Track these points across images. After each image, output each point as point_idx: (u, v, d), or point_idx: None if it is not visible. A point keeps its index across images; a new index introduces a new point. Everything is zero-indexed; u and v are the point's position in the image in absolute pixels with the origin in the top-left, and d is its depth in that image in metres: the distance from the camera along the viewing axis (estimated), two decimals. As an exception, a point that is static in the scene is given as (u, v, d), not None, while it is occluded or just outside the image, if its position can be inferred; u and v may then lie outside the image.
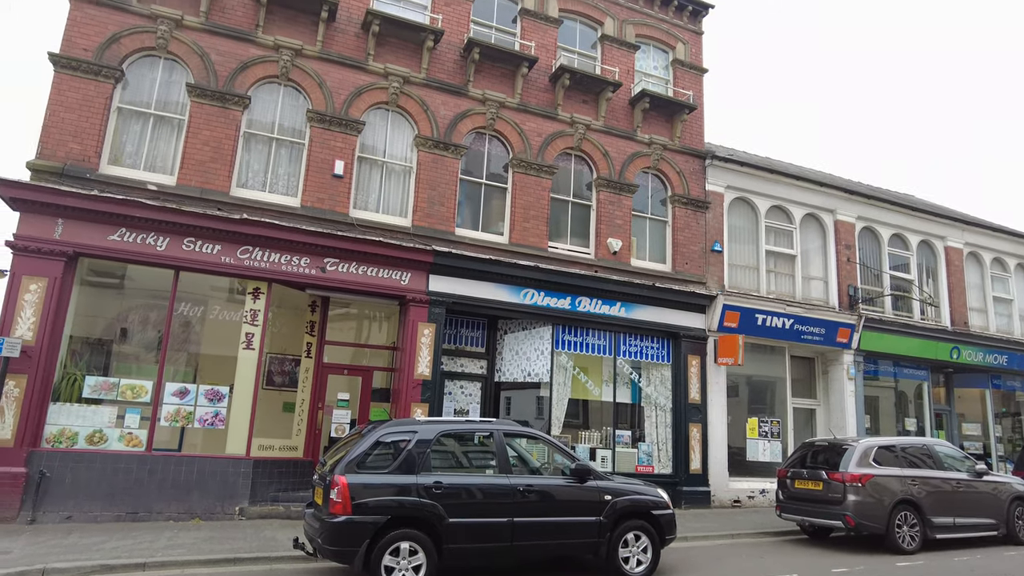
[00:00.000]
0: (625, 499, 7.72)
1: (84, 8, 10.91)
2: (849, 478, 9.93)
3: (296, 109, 12.11)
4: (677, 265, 14.56)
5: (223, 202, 10.94)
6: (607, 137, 14.51)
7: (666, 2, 15.97)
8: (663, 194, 15.09)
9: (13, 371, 9.09)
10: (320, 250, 11.16)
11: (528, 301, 12.70)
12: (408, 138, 12.81)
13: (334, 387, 11.85)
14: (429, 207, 12.43)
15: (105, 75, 10.72)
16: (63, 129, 10.32)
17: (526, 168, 13.46)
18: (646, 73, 15.59)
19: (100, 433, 9.62)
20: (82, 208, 9.82)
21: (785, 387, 15.55)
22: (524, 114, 13.74)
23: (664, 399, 13.90)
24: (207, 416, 10.26)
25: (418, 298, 11.71)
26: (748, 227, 15.78)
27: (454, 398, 12.47)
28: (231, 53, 11.63)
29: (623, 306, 13.54)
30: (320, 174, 11.77)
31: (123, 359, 10.84)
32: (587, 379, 13.33)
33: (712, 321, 14.25)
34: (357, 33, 12.65)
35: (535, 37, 14.28)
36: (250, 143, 11.69)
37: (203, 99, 11.27)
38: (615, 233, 14.07)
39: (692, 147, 15.38)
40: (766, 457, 14.43)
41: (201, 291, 11.38)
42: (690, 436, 13.56)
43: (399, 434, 7.15)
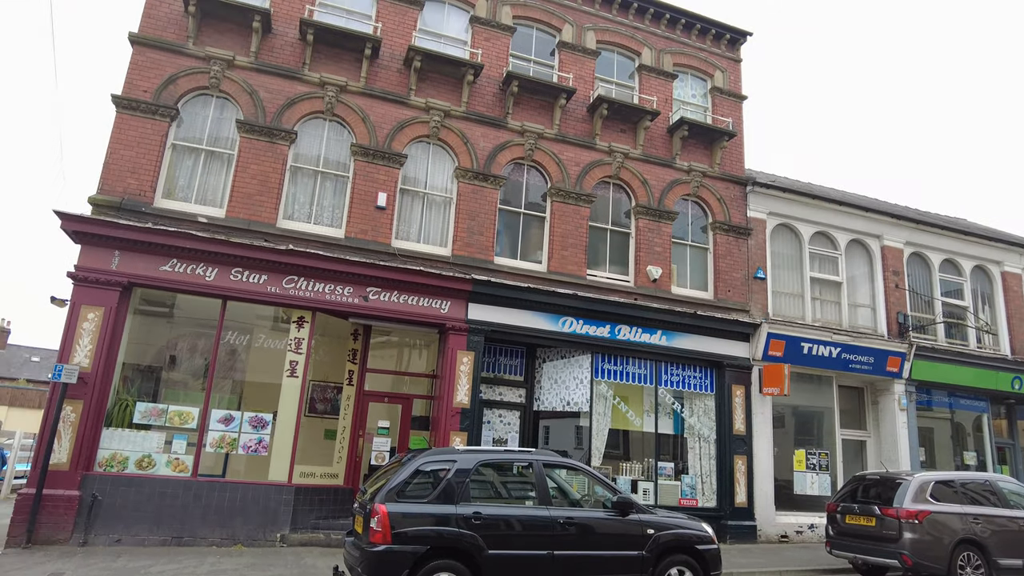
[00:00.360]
0: (668, 533, 7.54)
1: (145, 52, 11.52)
2: (905, 514, 9.49)
3: (341, 143, 12.48)
4: (719, 293, 14.35)
5: (270, 233, 11.28)
6: (645, 165, 14.51)
7: (703, 31, 16.03)
8: (704, 221, 14.96)
9: (70, 397, 9.45)
10: (362, 279, 11.38)
11: (567, 329, 12.66)
12: (448, 170, 13.05)
13: (374, 415, 11.96)
14: (468, 236, 12.58)
15: (162, 114, 11.25)
16: (122, 165, 10.84)
17: (564, 197, 13.54)
18: (684, 101, 15.61)
19: (149, 458, 9.88)
20: (137, 240, 10.25)
21: (833, 418, 15.05)
22: (562, 144, 13.87)
23: (708, 430, 13.59)
24: (251, 443, 10.46)
25: (457, 326, 11.79)
26: (792, 254, 15.50)
27: (493, 427, 12.43)
28: (279, 90, 12.09)
29: (664, 334, 13.37)
30: (363, 206, 12.05)
31: (172, 385, 11.17)
32: (628, 409, 13.15)
33: (756, 350, 13.95)
34: (399, 69, 13.02)
35: (573, 69, 14.47)
36: (296, 176, 12.06)
37: (252, 134, 11.71)
38: (655, 260, 13.97)
39: (732, 174, 15.26)
40: (814, 491, 13.92)
41: (247, 319, 11.69)
42: (735, 468, 13.21)
43: (438, 463, 7.15)
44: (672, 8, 15.68)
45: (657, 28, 15.67)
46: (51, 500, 9.13)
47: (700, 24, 15.96)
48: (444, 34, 13.84)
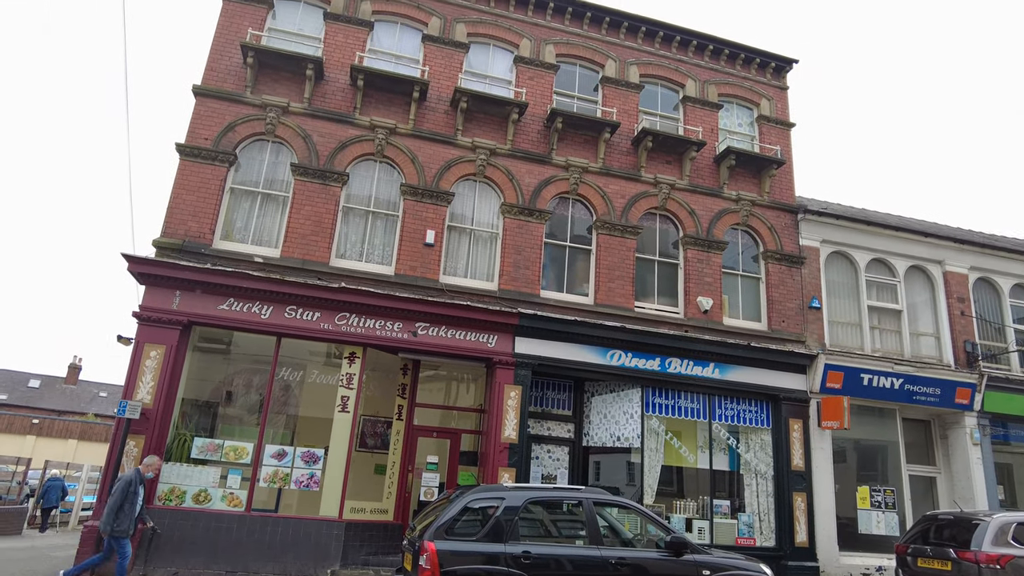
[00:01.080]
0: (724, 574, 7.26)
1: (207, 103, 12.18)
2: (984, 559, 8.90)
3: (390, 183, 12.82)
4: (773, 323, 13.99)
5: (323, 272, 11.61)
6: (692, 195, 14.40)
7: (748, 61, 15.97)
8: (754, 250, 14.69)
9: (133, 432, 9.82)
10: (411, 315, 11.55)
11: (615, 362, 12.51)
12: (494, 206, 13.23)
13: (424, 450, 12.00)
14: (515, 271, 12.66)
15: (221, 160, 11.82)
16: (184, 209, 11.39)
17: (610, 229, 13.52)
18: (730, 131, 15.50)
19: (205, 492, 10.14)
20: (197, 281, 10.70)
21: (898, 452, 14.32)
22: (607, 177, 13.91)
23: (765, 466, 13.11)
24: (303, 478, 10.62)
25: (504, 360, 11.80)
26: (847, 282, 15.02)
27: (541, 463, 12.30)
28: (331, 134, 12.55)
29: (717, 367, 13.07)
30: (412, 243, 12.30)
31: (228, 421, 11.47)
32: (680, 444, 12.83)
33: (814, 382, 13.47)
34: (446, 110, 13.37)
35: (617, 103, 14.58)
36: (348, 216, 12.42)
37: (305, 177, 12.15)
38: (705, 291, 13.75)
39: (782, 202, 14.98)
40: (881, 530, 13.18)
41: (300, 356, 11.98)
42: (794, 506, 12.66)
43: (487, 500, 7.12)
44: (715, 39, 15.70)
45: (701, 60, 15.70)
46: (115, 533, 9.43)
47: (744, 54, 15.91)
48: (489, 75, 14.18)
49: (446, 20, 14.10)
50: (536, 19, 14.76)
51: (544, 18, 14.83)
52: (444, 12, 14.15)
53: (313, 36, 13.39)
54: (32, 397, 41.29)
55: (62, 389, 42.58)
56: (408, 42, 13.97)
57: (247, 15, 12.97)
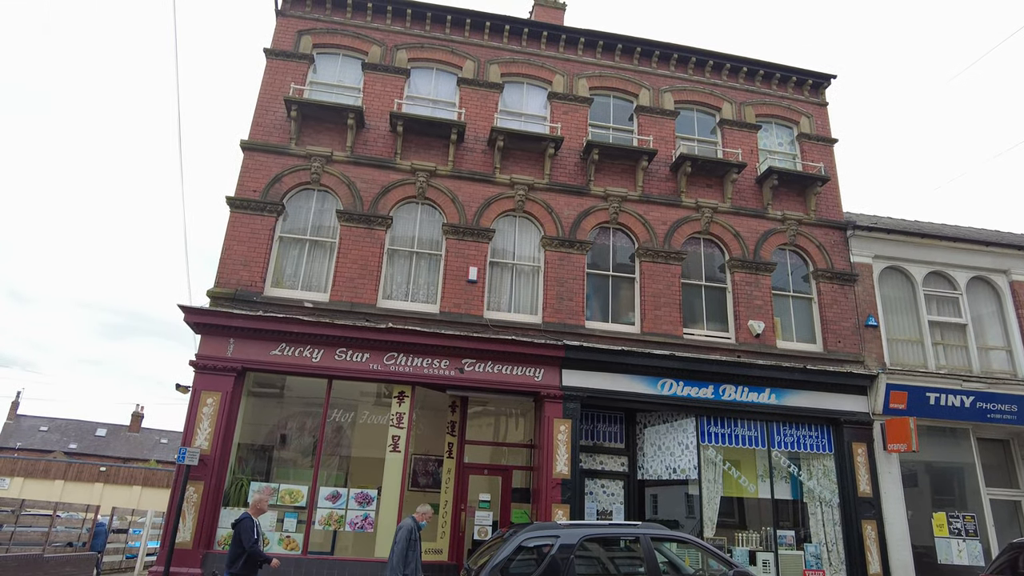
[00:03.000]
0: (794, 611, 6.93)
1: (254, 156, 12.70)
2: (1080, 589, 8.26)
3: (432, 224, 13.05)
4: (829, 344, 13.53)
5: (370, 313, 11.82)
6: (736, 218, 14.20)
7: (784, 80, 15.83)
8: (804, 270, 14.32)
9: (192, 478, 10.07)
10: (457, 352, 11.62)
11: (666, 392, 12.28)
12: (535, 240, 13.30)
13: (475, 487, 11.92)
14: (558, 303, 12.63)
15: (269, 210, 12.25)
16: (236, 259, 11.81)
17: (653, 256, 13.41)
18: (771, 151, 15.30)
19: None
20: (249, 328, 11.03)
21: (976, 475, 13.50)
22: (647, 204, 13.86)
23: (829, 493, 12.55)
24: (357, 519, 10.66)
25: (552, 393, 11.71)
26: (904, 297, 14.46)
27: (595, 498, 12.05)
28: (374, 179, 12.91)
29: (772, 392, 12.67)
30: (456, 281, 12.44)
31: (282, 464, 11.66)
32: (739, 474, 12.41)
33: (876, 403, 12.91)
34: (484, 150, 13.61)
35: (652, 131, 14.60)
36: (393, 258, 12.67)
37: (351, 223, 12.48)
38: (755, 315, 13.44)
39: (830, 219, 14.63)
40: (962, 559, 12.37)
41: (352, 396, 12.15)
42: (864, 535, 12.02)
43: (541, 539, 7.01)
44: (749, 61, 15.64)
45: (735, 82, 15.63)
46: (177, 578, 9.63)
47: (779, 73, 15.79)
48: (524, 112, 14.42)
49: (480, 62, 14.45)
50: (568, 55, 15.00)
51: (576, 53, 15.05)
52: (477, 55, 14.51)
53: (352, 86, 13.88)
54: (99, 445, 42.86)
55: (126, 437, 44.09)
56: (444, 86, 14.35)
57: (290, 70, 13.56)
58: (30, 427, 45.33)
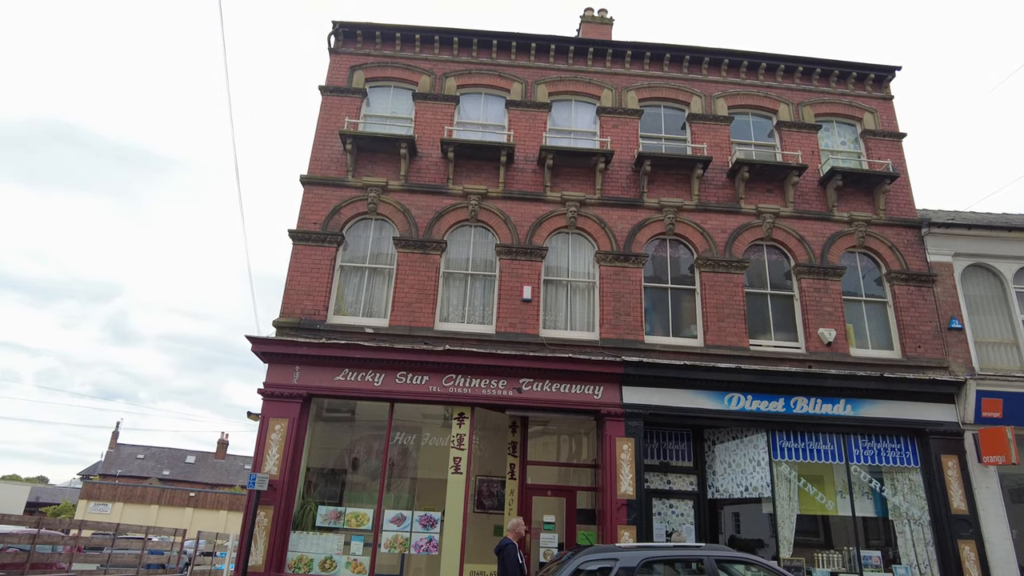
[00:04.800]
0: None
1: (313, 190, 13.20)
2: None
3: (486, 245, 13.16)
4: (907, 350, 12.73)
5: (428, 336, 11.98)
6: (800, 222, 13.65)
7: (843, 76, 15.21)
8: (876, 273, 13.59)
9: (263, 503, 10.41)
10: (515, 371, 11.60)
11: (734, 407, 11.83)
12: (589, 255, 13.19)
13: (539, 509, 11.80)
14: (615, 318, 12.44)
15: (329, 241, 12.67)
16: (299, 290, 12.25)
17: (713, 266, 13.04)
18: (834, 150, 14.68)
19: (331, 560, 10.47)
20: (313, 355, 11.37)
21: (1089, 489, 12.34)
22: (704, 213, 13.53)
23: (918, 510, 11.70)
24: (422, 542, 10.72)
25: (613, 411, 11.49)
26: (993, 296, 13.47)
27: (664, 518, 11.69)
28: (427, 206, 13.16)
29: (848, 403, 12.01)
30: (510, 301, 12.46)
31: (351, 488, 11.88)
32: (816, 491, 11.77)
33: (966, 412, 12.01)
34: (534, 169, 13.67)
35: (706, 138, 14.29)
36: (448, 281, 12.84)
37: (407, 248, 12.75)
38: (826, 322, 12.82)
39: (901, 217, 13.85)
40: (1079, 583, 11.27)
41: (415, 419, 12.31)
42: (961, 556, 11.11)
43: (600, 561, 6.85)
44: (804, 59, 15.13)
45: (791, 83, 15.14)
46: (251, 601, 9.93)
47: (838, 70, 15.18)
48: (574, 129, 14.42)
49: (527, 84, 14.57)
50: (615, 68, 14.93)
51: (623, 66, 14.96)
52: (524, 76, 14.64)
53: (405, 116, 14.26)
54: (189, 472, 45.04)
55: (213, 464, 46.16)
56: (493, 110, 14.54)
57: (344, 105, 14.07)
58: (128, 455, 48.19)
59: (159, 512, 35.56)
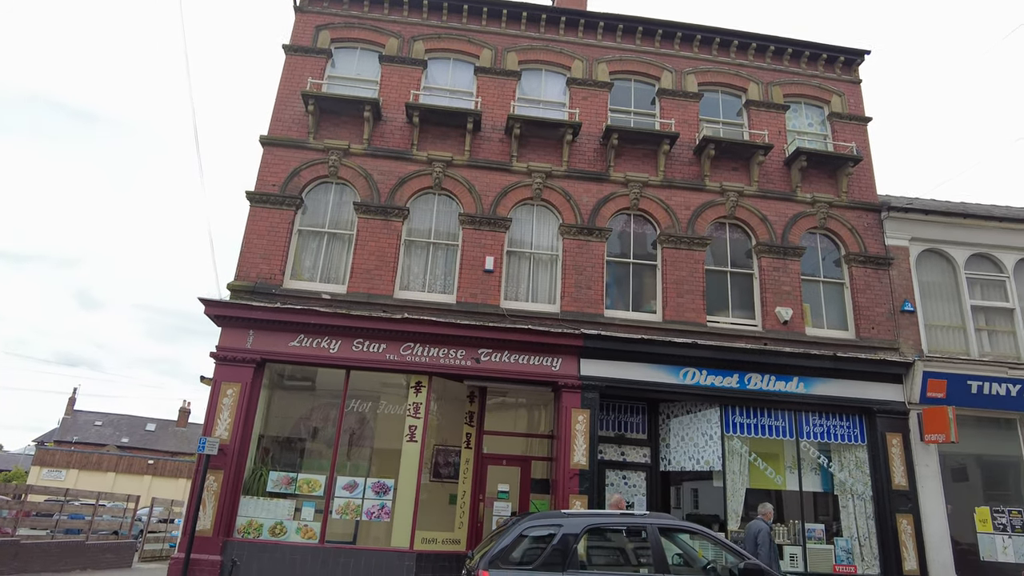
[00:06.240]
0: (809, 605, 6.64)
1: (273, 151, 12.85)
2: None
3: (449, 214, 13.00)
4: (861, 331, 12.98)
5: (388, 304, 11.84)
6: (763, 201, 13.73)
7: (813, 58, 15.22)
8: (836, 254, 13.77)
9: (213, 467, 10.26)
10: (474, 341, 11.54)
11: (689, 381, 11.96)
12: (553, 228, 13.11)
13: (494, 478, 11.85)
14: (577, 291, 12.43)
15: (288, 204, 12.38)
16: (255, 253, 11.97)
17: (675, 243, 13.08)
18: (800, 131, 14.74)
19: (280, 525, 10.40)
20: (268, 320, 11.17)
21: (1022, 468, 12.81)
22: (669, 190, 13.52)
23: (862, 486, 12.03)
24: (374, 509, 10.70)
25: (570, 383, 11.53)
26: (944, 281, 13.76)
27: (616, 489, 11.84)
28: (391, 171, 12.91)
29: (801, 381, 12.22)
30: (472, 271, 12.36)
31: (308, 455, 11.77)
32: (766, 466, 12.02)
33: (912, 392, 12.33)
34: (500, 138, 13.48)
35: (675, 114, 14.23)
36: (410, 249, 12.66)
37: (368, 214, 12.52)
38: (783, 301, 12.98)
39: (863, 200, 14.01)
40: (1008, 556, 11.73)
41: (372, 388, 12.18)
42: (899, 529, 11.48)
43: (543, 528, 6.88)
44: (775, 39, 15.09)
45: (762, 62, 15.11)
46: (198, 564, 9.84)
47: (809, 51, 15.18)
48: (543, 99, 14.22)
49: (497, 51, 14.31)
50: (587, 39, 14.73)
51: (595, 37, 14.77)
52: (495, 43, 14.37)
53: (370, 79, 13.91)
54: (149, 440, 44.39)
55: (174, 432, 45.56)
56: (461, 76, 14.26)
57: (308, 66, 13.67)
58: (85, 422, 47.28)
59: (116, 480, 35.05)
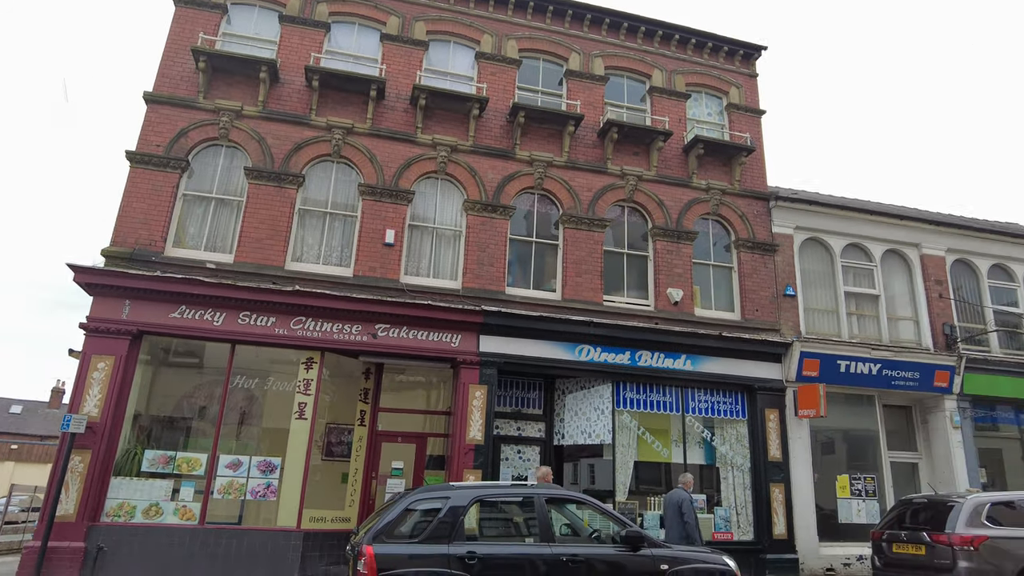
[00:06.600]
0: (684, 568, 6.98)
1: (158, 109, 11.92)
2: (958, 540, 8.63)
3: (348, 184, 12.56)
4: (747, 313, 13.72)
5: (278, 276, 11.32)
6: (661, 186, 14.16)
7: (715, 49, 15.77)
8: (726, 240, 14.44)
9: (79, 446, 9.48)
10: (371, 316, 11.26)
11: (584, 358, 12.23)
12: (457, 203, 12.97)
13: (389, 455, 11.69)
14: (479, 268, 12.38)
15: (173, 166, 11.55)
16: (134, 217, 11.11)
17: (576, 223, 13.27)
18: (699, 120, 15.28)
19: (156, 507, 9.79)
20: (147, 289, 10.40)
21: (879, 439, 14.04)
22: (573, 171, 13.67)
23: (741, 458, 12.81)
24: (259, 488, 10.29)
25: (469, 360, 11.51)
26: (823, 269, 14.77)
27: (511, 463, 11.99)
28: (286, 136, 12.29)
29: (689, 359, 12.79)
30: (372, 244, 12.03)
31: (188, 434, 11.11)
32: (654, 440, 12.53)
33: (789, 371, 13.20)
34: (405, 108, 13.13)
35: (582, 96, 14.35)
36: (305, 219, 12.15)
37: (260, 180, 11.88)
38: (675, 283, 13.49)
39: (753, 189, 14.75)
40: (861, 518, 12.88)
41: (260, 364, 11.64)
42: (772, 498, 12.34)
43: (431, 501, 6.82)
44: (681, 28, 15.50)
45: (667, 50, 15.49)
46: (56, 553, 9.07)
47: (711, 42, 15.71)
48: (450, 71, 13.95)
49: (405, 19, 13.88)
50: (498, 14, 14.55)
51: (506, 13, 14.61)
52: (403, 11, 13.93)
53: (269, 40, 13.14)
54: (13, 423, 40.74)
55: (45, 414, 42.06)
56: (366, 42, 13.75)
57: (200, 20, 12.74)
58: (-60, 403, 42.70)
59: (-28, 465, 31.98)
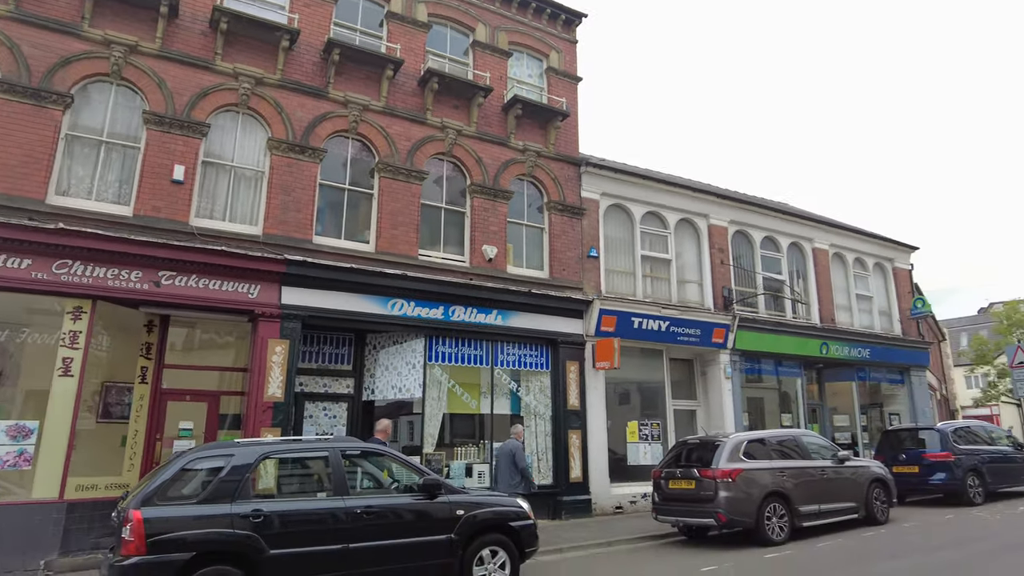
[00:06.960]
0: (479, 512, 7.16)
1: None
2: (720, 474, 9.83)
3: (131, 111, 10.97)
4: (554, 272, 14.33)
5: (37, 211, 9.64)
6: (480, 143, 14.16)
7: (539, 10, 15.93)
8: (539, 201, 14.88)
9: None
10: (153, 262, 10.03)
11: (397, 312, 12.02)
12: (260, 141, 11.92)
13: (176, 415, 10.62)
14: (283, 214, 11.55)
15: None
16: None
17: (393, 173, 12.86)
18: (520, 80, 15.43)
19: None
20: None
21: (665, 389, 15.61)
22: (390, 117, 13.16)
23: (544, 407, 13.52)
24: (9, 457, 8.85)
25: (269, 312, 10.76)
26: (624, 233, 15.84)
27: (316, 421, 11.54)
28: (48, 47, 10.37)
29: (499, 314, 13.10)
30: (157, 180, 10.67)
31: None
32: (463, 392, 12.76)
33: (589, 326, 14.07)
34: (204, 31, 11.69)
35: (402, 41, 13.78)
36: (73, 147, 10.44)
37: (12, 96, 9.95)
38: (490, 240, 13.67)
39: (567, 154, 15.29)
40: (647, 460, 14.31)
41: (14, 314, 9.90)
42: (570, 444, 13.21)
43: (211, 460, 6.29)
44: (506, -16, 15.43)
45: (492, 4, 15.34)
46: None
47: (535, 3, 15.82)
48: (261, -2, 12.64)
49: (203, -72, 12.24)
50: (313, -59, 13.38)
51: (322, -60, 13.48)
52: (201, -82, 12.26)
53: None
54: None
55: None
56: (155, -51, 11.94)
57: None
58: None
59: None
